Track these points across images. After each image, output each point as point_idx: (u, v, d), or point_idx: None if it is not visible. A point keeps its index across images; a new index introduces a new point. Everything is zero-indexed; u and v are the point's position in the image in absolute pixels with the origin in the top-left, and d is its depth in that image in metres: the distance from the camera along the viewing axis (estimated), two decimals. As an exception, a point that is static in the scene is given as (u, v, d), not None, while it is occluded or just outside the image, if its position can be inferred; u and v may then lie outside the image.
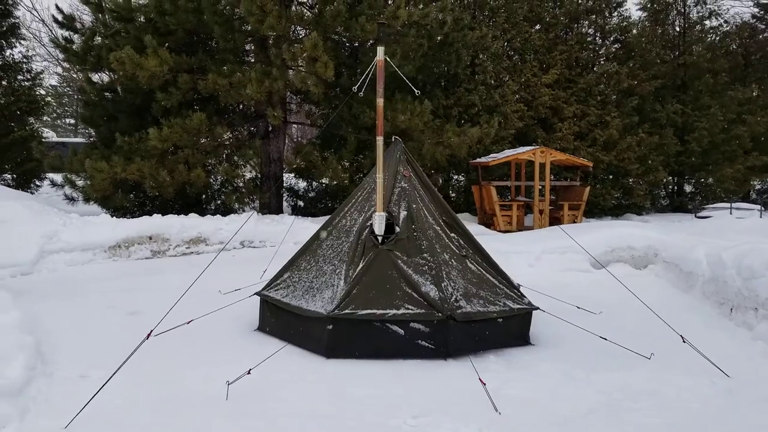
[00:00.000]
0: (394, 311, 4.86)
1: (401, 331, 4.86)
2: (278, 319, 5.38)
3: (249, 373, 4.12)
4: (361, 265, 5.10)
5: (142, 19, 11.44)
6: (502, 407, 3.88)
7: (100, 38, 11.94)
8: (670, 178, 18.71)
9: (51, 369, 4.40)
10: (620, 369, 4.62)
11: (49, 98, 29.55)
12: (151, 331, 4.01)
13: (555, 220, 13.53)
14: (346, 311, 4.83)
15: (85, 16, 16.06)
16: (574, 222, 13.38)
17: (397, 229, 5.32)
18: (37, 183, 14.66)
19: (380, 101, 5.34)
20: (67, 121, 37.94)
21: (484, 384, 4.11)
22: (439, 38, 13.36)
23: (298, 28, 12.32)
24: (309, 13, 11.86)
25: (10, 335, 4.31)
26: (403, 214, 5.44)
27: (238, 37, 11.45)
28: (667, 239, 8.53)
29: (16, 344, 4.16)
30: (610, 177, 16.84)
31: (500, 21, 15.91)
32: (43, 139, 15.76)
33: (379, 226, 5.24)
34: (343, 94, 12.59)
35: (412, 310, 4.88)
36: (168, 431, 3.48)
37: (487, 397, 3.97)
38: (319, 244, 5.65)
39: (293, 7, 11.29)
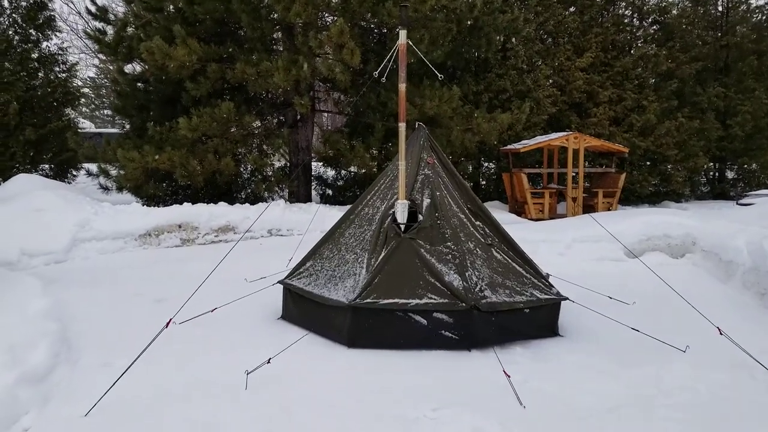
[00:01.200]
0: (417, 301, 4.76)
1: (424, 321, 4.76)
2: (300, 308, 5.34)
3: (269, 362, 4.09)
4: (383, 254, 5.01)
5: (171, 9, 11.48)
6: (526, 400, 3.76)
7: (131, 29, 12.07)
8: (711, 164, 18.07)
9: (76, 356, 4.44)
10: (652, 362, 4.44)
11: (86, 89, 30.21)
12: (170, 319, 4.00)
13: (589, 208, 13.21)
14: (368, 300, 4.75)
15: (120, 7, 16.26)
16: (609, 210, 13.04)
17: (420, 217, 5.21)
18: (74, 173, 14.97)
19: (402, 86, 5.23)
20: (105, 112, 38.71)
21: (509, 376, 4.00)
22: (469, 22, 13.10)
23: (326, 14, 12.22)
24: (336, -1, 11.75)
25: (37, 322, 4.37)
26: (426, 201, 5.32)
27: (266, 25, 11.41)
28: (705, 227, 8.20)
29: (42, 331, 4.22)
30: (648, 163, 16.35)
31: (533, 4, 15.53)
32: (81, 130, 16.11)
33: (401, 215, 5.14)
34: (373, 82, 12.46)
35: (435, 299, 4.78)
36: (184, 420, 3.46)
37: (511, 389, 3.87)
38: (341, 233, 5.57)
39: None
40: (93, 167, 12.88)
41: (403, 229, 5.13)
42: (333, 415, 3.57)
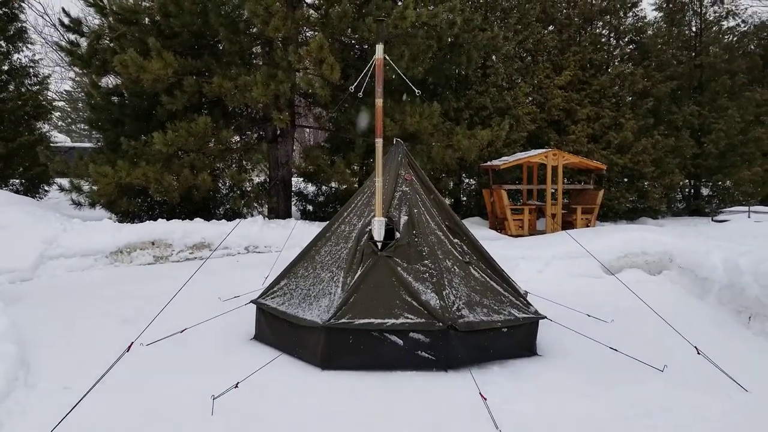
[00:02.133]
0: (393, 320, 4.65)
1: (400, 342, 4.64)
2: (274, 328, 5.18)
3: (236, 386, 3.93)
4: (359, 273, 4.90)
5: (147, 21, 11.33)
6: (503, 423, 3.65)
7: (105, 41, 11.88)
8: (687, 181, 18.26)
9: (35, 380, 4.24)
10: (631, 383, 4.37)
11: (61, 102, 29.70)
12: (132, 343, 3.83)
13: (568, 224, 13.23)
14: (343, 320, 4.62)
15: (95, 20, 16.04)
16: (588, 226, 13.06)
17: (397, 234, 5.11)
18: (46, 188, 14.61)
19: (379, 101, 5.16)
20: (82, 126, 38.15)
21: (485, 399, 3.89)
22: (449, 39, 13.14)
23: (306, 29, 12.16)
24: (315, 14, 11.69)
25: (-7, 345, 4.15)
26: (403, 219, 5.23)
27: (244, 39, 11.32)
28: (682, 244, 8.21)
29: (-2, 354, 4.00)
30: (625, 180, 16.47)
31: (512, 22, 15.64)
32: (56, 144, 15.77)
33: (378, 232, 5.03)
34: (351, 97, 12.41)
35: (411, 319, 4.66)
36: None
37: (486, 412, 3.75)
38: (317, 251, 5.45)
39: (300, 9, 11.12)
40: (66, 182, 12.59)
41: (380, 247, 5.02)
42: (303, 442, 3.42)
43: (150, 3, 11.53)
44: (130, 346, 3.84)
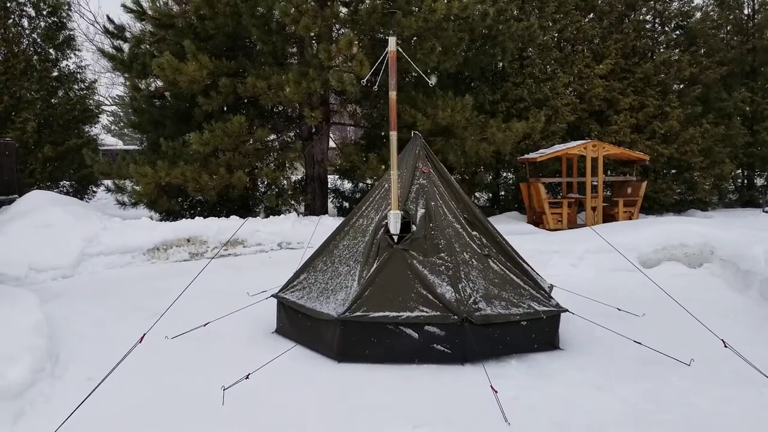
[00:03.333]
0: (408, 313, 4.62)
1: (415, 335, 4.61)
2: (293, 322, 5.24)
3: (247, 377, 3.99)
4: (374, 266, 4.89)
5: (182, 24, 11.61)
6: (513, 418, 3.58)
7: (145, 46, 12.25)
8: (739, 171, 17.47)
9: (61, 371, 4.41)
10: (654, 377, 4.21)
11: (113, 107, 30.73)
12: (144, 335, 3.93)
13: (609, 218, 12.85)
14: (358, 313, 4.63)
15: (138, 25, 16.58)
16: (630, 219, 12.66)
17: (414, 227, 5.08)
18: (94, 189, 15.21)
19: (393, 94, 5.14)
20: (133, 129, 39.42)
21: (496, 392, 3.82)
22: (483, 31, 12.95)
23: (338, 27, 12.22)
24: (345, 10, 11.73)
25: (23, 337, 4.35)
26: (420, 212, 5.19)
27: (277, 39, 11.46)
28: (724, 235, 7.86)
29: (26, 346, 4.19)
30: (672, 171, 15.87)
31: (550, 11, 15.28)
32: (108, 147, 16.38)
33: (394, 225, 5.01)
34: (383, 93, 12.40)
35: (426, 312, 4.63)
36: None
37: (498, 406, 3.68)
38: (335, 245, 5.48)
39: (330, 7, 11.17)
40: (111, 184, 13.07)
41: (395, 240, 5.00)
42: (307, 433, 3.44)
43: (186, 7, 11.82)
44: (142, 338, 3.95)
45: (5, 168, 12.07)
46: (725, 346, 4.31)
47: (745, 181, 17.71)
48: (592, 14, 16.38)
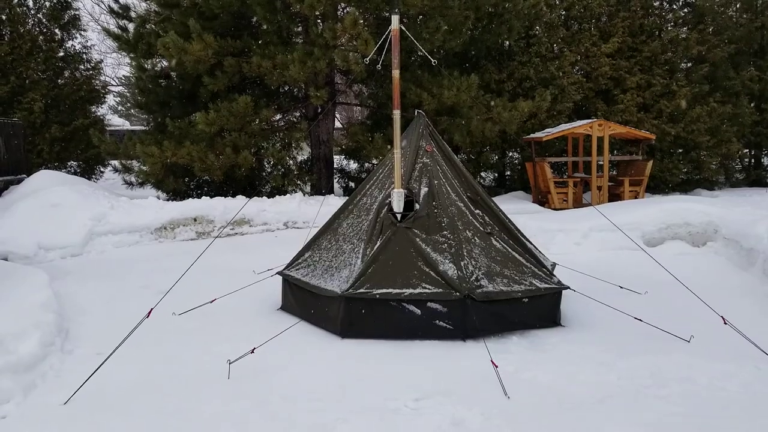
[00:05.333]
0: (411, 290, 4.69)
1: (418, 311, 4.68)
2: (298, 299, 5.32)
3: (252, 351, 4.08)
4: (378, 244, 4.95)
5: (187, 4, 11.57)
6: (513, 391, 3.65)
7: (150, 26, 12.23)
8: (746, 150, 17.34)
9: (71, 346, 4.53)
10: (653, 353, 4.27)
11: (120, 87, 30.70)
12: (151, 309, 4.02)
13: (615, 197, 12.84)
14: (361, 290, 4.70)
15: (143, 4, 16.53)
16: (636, 198, 12.64)
17: (417, 206, 5.12)
18: (101, 169, 15.30)
19: (396, 73, 5.15)
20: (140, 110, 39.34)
21: (496, 366, 3.90)
22: (488, 9, 12.84)
23: (344, 6, 12.14)
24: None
25: (32, 314, 4.44)
26: (423, 190, 5.23)
27: (282, 17, 11.41)
28: (728, 214, 7.87)
29: (35, 322, 4.28)
30: (679, 150, 15.79)
31: (557, -11, 15.13)
32: (115, 128, 16.41)
33: (397, 204, 5.05)
34: (389, 72, 12.36)
35: (429, 289, 4.69)
36: (161, 409, 3.48)
37: (498, 380, 3.76)
38: (339, 223, 5.54)
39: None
40: (118, 163, 13.15)
41: (399, 219, 5.05)
42: (310, 406, 3.53)
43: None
44: (149, 313, 4.04)
45: (13, 148, 12.16)
46: (725, 323, 4.36)
47: (752, 161, 17.60)
48: (599, -9, 16.18)
